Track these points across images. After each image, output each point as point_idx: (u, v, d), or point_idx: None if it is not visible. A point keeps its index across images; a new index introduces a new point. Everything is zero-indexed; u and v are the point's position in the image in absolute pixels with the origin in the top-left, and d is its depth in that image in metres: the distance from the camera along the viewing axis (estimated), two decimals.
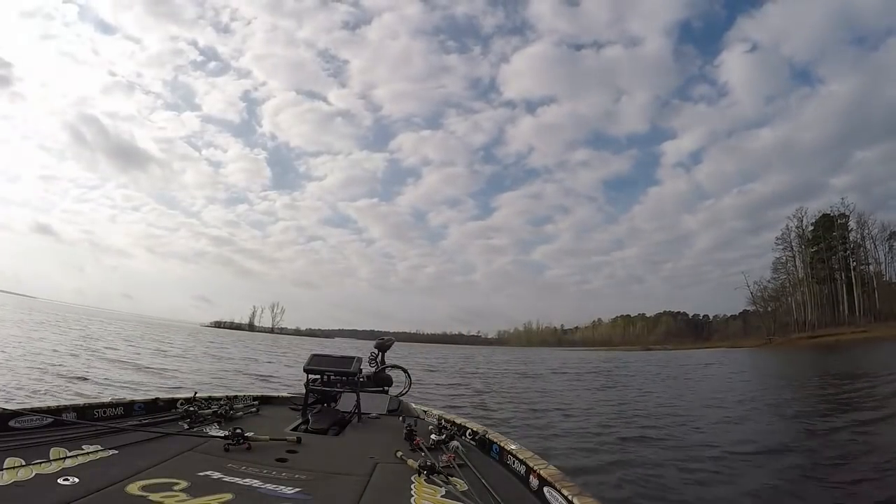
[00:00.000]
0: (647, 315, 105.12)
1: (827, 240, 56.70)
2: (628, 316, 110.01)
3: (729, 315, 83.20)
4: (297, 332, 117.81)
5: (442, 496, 1.62)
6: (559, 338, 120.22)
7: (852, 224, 56.49)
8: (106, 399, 2.43)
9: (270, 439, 2.15)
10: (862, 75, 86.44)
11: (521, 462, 1.93)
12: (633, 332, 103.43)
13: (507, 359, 28.50)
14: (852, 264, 55.31)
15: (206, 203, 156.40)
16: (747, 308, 70.75)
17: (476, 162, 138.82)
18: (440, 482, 1.72)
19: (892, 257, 54.52)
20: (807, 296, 58.49)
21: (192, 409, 2.48)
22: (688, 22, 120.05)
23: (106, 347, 15.03)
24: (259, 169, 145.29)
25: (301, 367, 3.08)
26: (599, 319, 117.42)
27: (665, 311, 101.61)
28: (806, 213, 61.25)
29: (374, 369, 3.60)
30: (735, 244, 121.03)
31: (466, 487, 1.70)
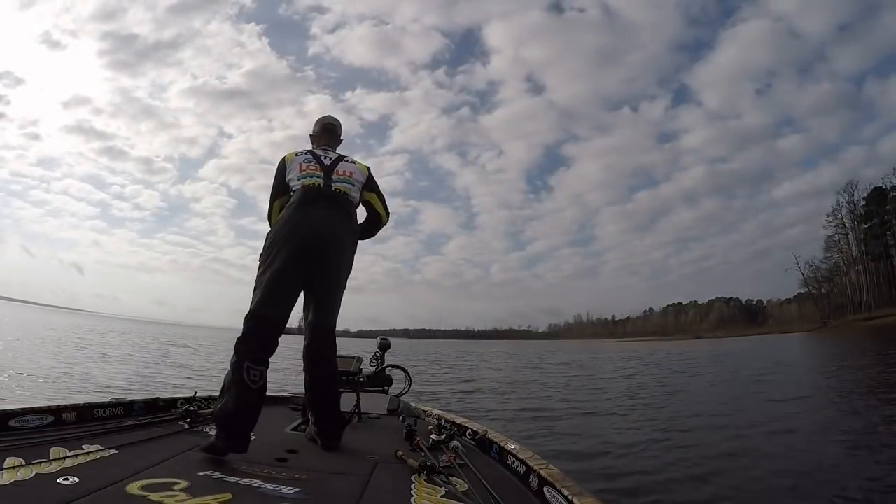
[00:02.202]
0: (699, 302, 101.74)
1: (881, 214, 53.19)
2: (679, 304, 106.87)
3: (784, 299, 79.30)
4: (346, 334, 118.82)
5: (442, 496, 1.60)
6: (610, 329, 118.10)
7: None
8: (106, 399, 2.42)
9: (270, 439, 2.13)
10: None
11: (521, 462, 1.91)
12: (684, 320, 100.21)
13: (567, 360, 23.80)
14: None
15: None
16: (801, 291, 67.26)
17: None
18: (440, 482, 1.71)
19: None
20: (861, 275, 55.14)
21: (192, 408, 2.43)
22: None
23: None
24: None
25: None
26: (651, 309, 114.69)
27: (717, 298, 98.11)
28: (857, 186, 57.56)
29: (374, 369, 3.57)
30: (797, 224, 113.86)
31: (467, 487, 1.68)
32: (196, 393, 2.70)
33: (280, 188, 2.33)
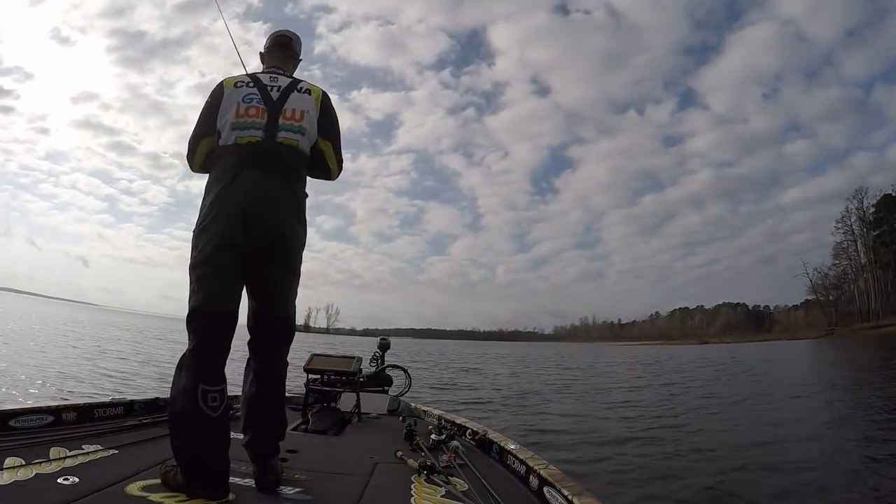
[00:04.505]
0: (706, 307, 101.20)
1: (890, 222, 52.61)
2: (686, 308, 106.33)
3: (791, 305, 78.94)
4: (352, 332, 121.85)
5: (442, 496, 1.60)
6: (616, 333, 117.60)
7: None
8: (106, 399, 2.42)
9: None
10: None
11: (521, 462, 1.91)
12: (691, 324, 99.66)
13: (581, 364, 22.93)
14: None
15: None
16: (809, 297, 66.69)
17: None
18: (440, 482, 1.71)
19: None
20: (870, 283, 54.61)
21: None
22: None
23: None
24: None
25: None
26: (657, 313, 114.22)
27: (724, 303, 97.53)
28: (866, 193, 57.00)
29: (374, 369, 3.58)
30: (804, 230, 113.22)
31: (466, 487, 1.68)
32: None
33: (208, 127, 1.78)
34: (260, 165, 1.69)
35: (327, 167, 1.92)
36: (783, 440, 5.86)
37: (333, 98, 1.95)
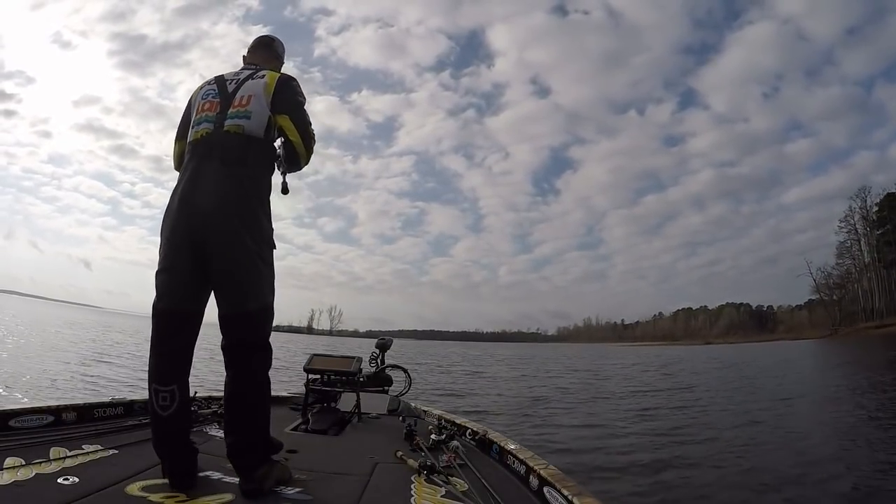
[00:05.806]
0: (709, 307, 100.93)
1: (894, 220, 52.32)
2: (689, 309, 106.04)
3: (794, 305, 78.75)
4: (355, 334, 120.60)
5: (442, 496, 1.61)
6: (620, 333, 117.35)
7: None
8: (106, 399, 2.43)
9: None
10: None
11: (521, 462, 1.92)
12: (694, 325, 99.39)
13: (595, 367, 22.13)
14: None
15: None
16: (812, 297, 66.41)
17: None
18: (440, 482, 1.71)
19: None
20: (873, 282, 54.35)
21: (192, 408, 2.25)
22: None
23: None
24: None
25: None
26: (660, 313, 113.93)
27: (728, 303, 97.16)
28: (869, 192, 56.86)
29: (374, 369, 3.60)
30: (807, 229, 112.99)
31: (466, 487, 1.69)
32: (196, 393, 2.49)
33: (181, 130, 1.84)
34: (202, 156, 1.68)
35: (289, 141, 1.79)
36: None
37: (333, 100, 2.05)
